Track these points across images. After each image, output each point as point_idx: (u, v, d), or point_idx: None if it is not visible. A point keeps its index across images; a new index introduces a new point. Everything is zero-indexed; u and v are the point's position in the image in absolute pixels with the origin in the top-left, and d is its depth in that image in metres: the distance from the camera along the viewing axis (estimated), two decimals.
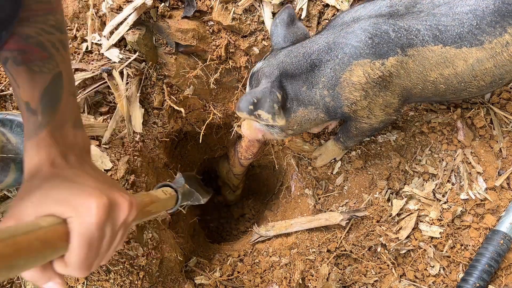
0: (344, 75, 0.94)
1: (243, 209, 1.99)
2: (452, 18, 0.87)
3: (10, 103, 1.14)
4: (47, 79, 0.65)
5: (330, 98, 0.99)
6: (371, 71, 0.92)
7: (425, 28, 0.89)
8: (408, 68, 0.93)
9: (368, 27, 0.91)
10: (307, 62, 0.97)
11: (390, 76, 0.94)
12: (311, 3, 1.28)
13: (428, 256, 1.13)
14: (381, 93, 0.97)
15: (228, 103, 1.44)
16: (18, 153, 1.00)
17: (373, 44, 0.90)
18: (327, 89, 0.98)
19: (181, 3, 1.28)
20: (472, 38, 0.87)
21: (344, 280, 1.17)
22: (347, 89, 0.96)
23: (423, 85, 0.96)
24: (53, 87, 0.66)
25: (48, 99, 0.65)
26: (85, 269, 0.57)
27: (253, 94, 0.94)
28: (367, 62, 0.92)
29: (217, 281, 1.24)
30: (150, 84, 1.26)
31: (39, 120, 0.64)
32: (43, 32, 0.64)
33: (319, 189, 1.32)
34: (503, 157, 1.16)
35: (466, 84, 0.95)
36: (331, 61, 0.95)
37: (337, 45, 0.94)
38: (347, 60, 0.93)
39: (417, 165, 1.22)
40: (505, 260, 1.06)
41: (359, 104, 0.98)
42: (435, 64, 0.91)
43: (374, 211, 1.20)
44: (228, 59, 1.33)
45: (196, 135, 1.50)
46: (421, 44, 0.89)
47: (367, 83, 0.94)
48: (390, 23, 0.90)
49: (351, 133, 1.13)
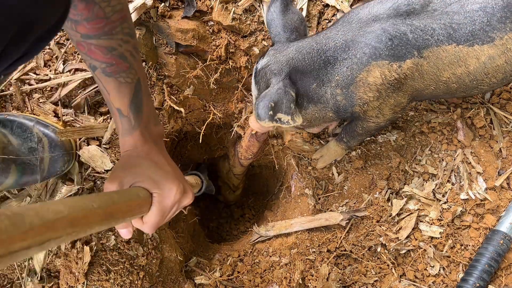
0: (361, 75, 0.93)
1: (243, 209, 1.99)
2: (464, 16, 0.87)
3: (10, 104, 1.14)
4: (132, 88, 0.81)
5: (343, 97, 0.97)
6: (388, 73, 0.92)
7: (440, 27, 0.88)
8: (423, 71, 0.93)
9: (388, 27, 0.90)
10: (321, 59, 0.95)
11: (405, 79, 0.93)
12: (311, 3, 1.28)
13: (428, 256, 1.13)
14: (394, 94, 0.96)
15: (228, 103, 1.44)
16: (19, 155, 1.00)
17: (392, 46, 0.90)
18: (340, 88, 0.96)
19: (181, 3, 1.28)
20: (484, 35, 0.87)
21: (344, 280, 1.17)
22: (362, 89, 0.95)
23: (436, 85, 0.96)
24: (137, 94, 0.82)
25: (135, 106, 0.82)
26: (153, 228, 0.79)
27: (269, 98, 0.91)
28: (385, 64, 0.91)
29: (217, 281, 1.24)
30: (150, 84, 1.26)
31: (132, 123, 0.82)
32: (122, 42, 0.76)
33: (319, 189, 1.32)
34: (503, 157, 1.16)
35: (478, 82, 0.95)
36: (348, 60, 0.93)
37: (356, 44, 0.92)
38: (366, 60, 0.91)
39: (417, 165, 1.22)
40: (505, 260, 1.06)
41: (370, 105, 0.98)
42: (448, 64, 0.91)
43: (374, 211, 1.20)
44: (228, 59, 1.33)
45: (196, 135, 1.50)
46: (436, 44, 0.89)
47: (382, 85, 0.93)
48: (407, 24, 0.89)
49: (356, 132, 1.12)
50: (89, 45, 0.73)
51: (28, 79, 1.16)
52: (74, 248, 1.06)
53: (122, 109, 0.81)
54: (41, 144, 1.04)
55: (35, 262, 1.07)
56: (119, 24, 0.74)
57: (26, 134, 1.04)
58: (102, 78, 0.78)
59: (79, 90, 1.17)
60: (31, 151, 1.03)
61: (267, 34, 1.29)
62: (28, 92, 1.15)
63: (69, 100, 1.17)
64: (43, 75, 1.17)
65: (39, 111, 1.13)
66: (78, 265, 1.04)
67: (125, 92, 0.80)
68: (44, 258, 1.07)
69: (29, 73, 1.17)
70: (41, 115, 1.12)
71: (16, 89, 1.12)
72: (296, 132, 1.33)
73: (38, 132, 1.05)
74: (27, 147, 1.03)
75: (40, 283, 1.06)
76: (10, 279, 1.08)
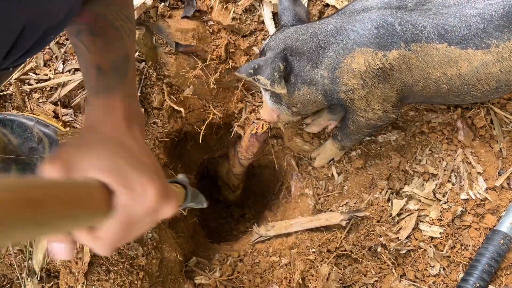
0: (346, 60, 0.96)
1: (243, 209, 1.98)
2: (460, 20, 0.87)
3: (10, 103, 1.14)
4: (119, 53, 0.65)
5: (329, 81, 1.01)
6: (372, 60, 0.93)
7: (431, 26, 0.89)
8: (411, 64, 0.93)
9: (376, 17, 0.92)
10: (313, 42, 1.00)
11: (391, 69, 0.94)
12: (311, 3, 1.28)
13: (428, 256, 1.13)
14: (380, 85, 0.97)
15: (228, 103, 1.44)
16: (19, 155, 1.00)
17: (378, 35, 0.91)
18: (327, 71, 1.00)
19: (181, 3, 1.28)
20: (479, 41, 0.87)
21: (344, 280, 1.17)
22: (346, 75, 0.97)
23: (425, 82, 0.96)
24: (123, 61, 0.66)
25: (119, 68, 0.64)
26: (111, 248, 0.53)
27: (256, 61, 1.00)
28: (369, 51, 0.93)
29: (217, 281, 1.24)
30: (150, 84, 1.26)
31: (110, 81, 0.63)
32: (119, 18, 0.66)
33: (319, 189, 1.32)
34: (503, 157, 1.16)
35: (469, 87, 0.94)
36: (335, 44, 0.97)
37: (344, 30, 0.96)
38: (351, 46, 0.94)
39: (417, 165, 1.22)
40: (505, 260, 1.06)
41: (356, 93, 0.99)
42: (438, 63, 0.91)
43: (374, 211, 1.20)
44: (228, 59, 1.33)
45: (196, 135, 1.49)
46: (426, 40, 0.90)
47: (366, 72, 0.95)
48: (397, 16, 0.91)
49: (349, 129, 1.13)
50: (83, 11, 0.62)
51: (27, 79, 1.16)
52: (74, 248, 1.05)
53: (102, 65, 0.63)
54: (42, 144, 1.04)
55: (34, 262, 1.07)
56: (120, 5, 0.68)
57: (26, 134, 1.04)
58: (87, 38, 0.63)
59: (79, 90, 1.17)
60: (32, 151, 1.03)
61: (267, 34, 1.29)
62: (28, 92, 1.15)
63: (69, 100, 1.17)
64: (42, 75, 1.17)
65: (39, 111, 1.13)
66: (77, 265, 1.04)
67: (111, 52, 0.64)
68: (43, 258, 1.07)
69: (29, 73, 1.17)
70: (40, 115, 1.12)
71: (16, 88, 1.12)
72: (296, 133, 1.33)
73: (38, 132, 1.05)
74: (28, 147, 1.03)
75: (39, 283, 1.06)
76: (10, 279, 1.08)
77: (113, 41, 0.65)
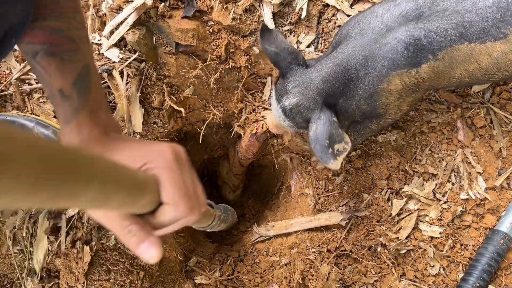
0: (382, 86, 0.97)
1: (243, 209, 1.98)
2: (476, 14, 0.88)
3: (10, 104, 1.14)
4: (78, 67, 0.67)
5: (367, 105, 1.02)
6: (407, 79, 0.96)
7: (451, 27, 0.89)
8: (439, 71, 0.96)
9: (401, 36, 0.92)
10: (346, 78, 0.99)
11: (424, 81, 0.97)
12: (311, 3, 1.28)
13: (428, 256, 1.13)
14: (413, 94, 1.01)
15: (228, 103, 1.44)
16: None
17: (408, 54, 0.92)
18: (364, 99, 1.00)
19: (181, 3, 1.28)
20: (496, 32, 0.88)
21: (344, 280, 1.17)
22: (384, 96, 0.99)
23: (449, 81, 0.99)
24: (84, 75, 0.68)
25: (80, 86, 0.67)
26: (188, 202, 0.58)
27: (322, 138, 0.95)
28: (404, 72, 0.95)
29: (217, 281, 1.24)
30: (150, 84, 1.26)
31: (75, 104, 0.66)
32: (72, 27, 0.67)
33: (319, 189, 1.32)
34: (503, 157, 1.16)
35: (489, 76, 0.97)
36: (368, 75, 0.97)
37: (375, 59, 0.95)
38: (385, 72, 0.95)
39: (417, 165, 1.22)
40: (505, 260, 1.06)
41: (392, 105, 1.02)
42: (460, 62, 0.93)
43: (374, 211, 1.20)
44: (228, 59, 1.33)
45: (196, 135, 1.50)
46: (449, 44, 0.91)
47: (402, 89, 0.98)
48: (420, 28, 0.91)
49: (369, 128, 1.14)
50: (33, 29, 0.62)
51: (28, 79, 1.16)
52: (74, 248, 1.06)
53: (64, 89, 0.65)
54: None
55: (35, 262, 1.07)
56: (72, 12, 0.67)
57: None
58: (43, 60, 0.64)
59: None
60: None
61: None
62: (28, 92, 1.15)
63: None
64: None
65: (39, 111, 1.13)
66: (78, 265, 1.04)
67: (69, 71, 0.66)
68: (44, 258, 1.07)
69: (29, 73, 1.17)
70: (41, 115, 1.12)
71: (16, 89, 1.13)
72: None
73: (38, 133, 1.05)
74: None
75: (40, 283, 1.06)
76: (10, 279, 1.08)
77: (70, 55, 0.66)
